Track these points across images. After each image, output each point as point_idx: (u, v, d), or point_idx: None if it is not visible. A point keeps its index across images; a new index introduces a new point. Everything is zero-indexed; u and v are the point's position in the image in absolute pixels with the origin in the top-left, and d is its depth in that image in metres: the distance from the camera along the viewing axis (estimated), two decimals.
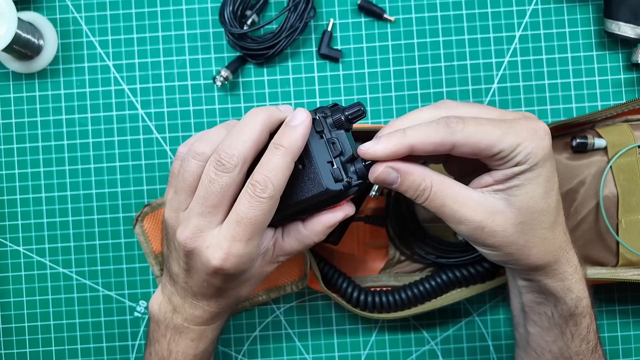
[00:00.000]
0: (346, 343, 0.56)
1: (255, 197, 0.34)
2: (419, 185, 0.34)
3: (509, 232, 0.35)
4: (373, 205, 0.54)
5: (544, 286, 0.39)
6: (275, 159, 0.34)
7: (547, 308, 0.40)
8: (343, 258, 0.54)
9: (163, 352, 0.42)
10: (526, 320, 0.43)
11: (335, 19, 0.55)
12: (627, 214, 0.48)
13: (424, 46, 0.55)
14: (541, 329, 0.41)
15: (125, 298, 0.56)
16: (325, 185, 0.35)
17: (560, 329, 0.40)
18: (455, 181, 0.35)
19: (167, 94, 0.56)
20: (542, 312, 0.41)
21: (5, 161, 0.56)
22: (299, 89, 0.55)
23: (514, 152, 0.33)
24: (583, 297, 0.39)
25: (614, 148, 0.48)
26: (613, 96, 0.55)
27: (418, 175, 0.34)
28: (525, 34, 0.55)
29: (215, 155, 0.34)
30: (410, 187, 0.35)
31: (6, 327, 0.56)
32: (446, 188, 0.34)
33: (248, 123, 0.35)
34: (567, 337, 0.40)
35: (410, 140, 0.33)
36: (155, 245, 0.53)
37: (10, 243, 0.56)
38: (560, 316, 0.40)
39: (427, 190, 0.34)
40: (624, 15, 0.51)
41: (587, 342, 0.40)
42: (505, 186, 0.34)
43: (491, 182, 0.35)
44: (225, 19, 0.53)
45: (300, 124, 0.34)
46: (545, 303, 0.40)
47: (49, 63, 0.55)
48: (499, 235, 0.35)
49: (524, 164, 0.33)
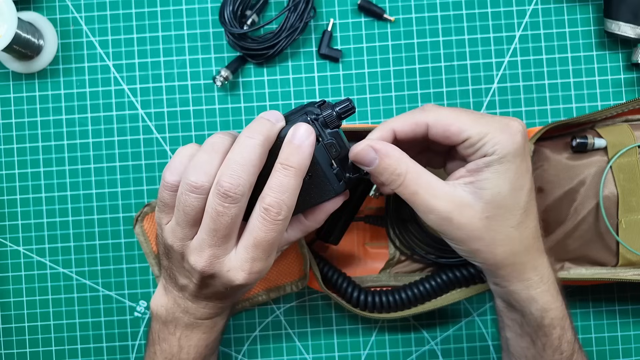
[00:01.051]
0: (346, 343, 0.56)
1: (270, 221, 0.34)
2: (394, 169, 0.35)
3: (475, 227, 0.35)
4: (373, 205, 0.54)
5: (509, 293, 0.39)
6: (286, 180, 0.34)
7: (516, 315, 0.40)
8: (343, 258, 0.54)
9: (172, 349, 0.42)
10: (503, 325, 0.43)
11: (335, 19, 0.55)
12: (627, 214, 0.48)
13: (424, 46, 0.55)
14: (515, 335, 0.41)
15: (125, 298, 0.56)
16: (336, 191, 0.36)
17: (531, 338, 0.40)
18: (429, 172, 0.36)
19: (167, 94, 0.56)
20: (513, 318, 0.41)
21: (5, 161, 0.56)
22: (299, 89, 0.55)
23: (482, 140, 0.34)
24: (550, 309, 0.38)
25: (614, 148, 0.48)
26: (613, 96, 0.55)
27: (395, 159, 0.35)
28: (525, 34, 0.55)
29: (218, 188, 0.33)
30: (386, 170, 0.35)
31: (6, 327, 0.56)
32: (420, 177, 0.35)
33: (247, 146, 0.34)
34: (539, 347, 0.40)
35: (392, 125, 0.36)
36: (155, 245, 0.53)
37: (10, 243, 0.56)
38: (529, 326, 0.39)
39: (401, 176, 0.35)
40: (624, 15, 0.51)
41: (561, 352, 0.39)
42: (474, 178, 0.35)
43: (463, 174, 0.36)
44: (225, 19, 0.53)
45: (306, 142, 0.34)
46: (514, 311, 0.40)
47: (49, 63, 0.55)
48: (466, 228, 0.35)
49: (492, 155, 0.34)
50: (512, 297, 0.39)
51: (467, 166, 0.35)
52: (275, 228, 0.34)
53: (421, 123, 0.35)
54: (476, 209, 0.35)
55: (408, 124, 0.36)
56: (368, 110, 0.55)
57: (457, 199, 0.35)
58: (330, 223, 0.52)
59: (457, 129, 0.34)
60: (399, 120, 0.36)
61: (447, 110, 0.36)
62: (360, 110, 0.55)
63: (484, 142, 0.34)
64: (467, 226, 0.35)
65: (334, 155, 0.36)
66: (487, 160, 0.34)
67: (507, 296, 0.39)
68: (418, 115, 0.36)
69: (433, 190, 0.35)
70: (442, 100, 0.55)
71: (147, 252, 0.53)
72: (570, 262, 0.51)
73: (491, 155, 0.34)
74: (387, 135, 0.36)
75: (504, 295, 0.40)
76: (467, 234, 0.35)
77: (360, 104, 0.55)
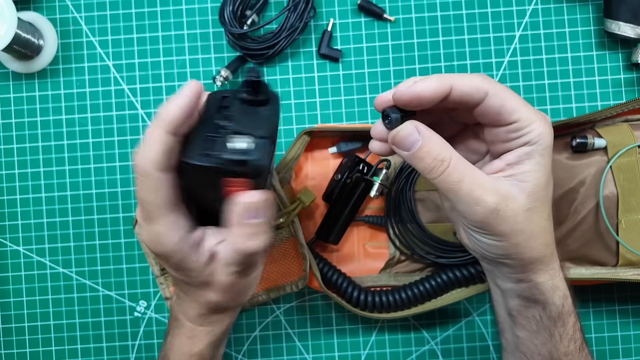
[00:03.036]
0: (346, 343, 0.56)
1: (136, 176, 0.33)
2: (438, 153, 0.32)
3: (520, 219, 0.34)
4: (373, 205, 0.54)
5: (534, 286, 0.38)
6: (150, 129, 0.33)
7: (535, 311, 0.40)
8: (343, 258, 0.54)
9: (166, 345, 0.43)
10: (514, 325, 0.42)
11: (335, 19, 0.55)
12: (627, 214, 0.48)
13: (424, 46, 0.55)
14: (529, 333, 0.41)
15: (125, 298, 0.56)
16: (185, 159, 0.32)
17: (549, 332, 0.40)
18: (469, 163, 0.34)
19: (167, 94, 0.56)
20: (530, 315, 0.40)
21: (5, 161, 0.56)
22: (299, 89, 0.55)
23: (529, 127, 0.33)
24: (567, 296, 0.39)
25: (614, 148, 0.48)
26: (613, 96, 0.55)
27: (439, 144, 0.33)
28: (525, 34, 0.55)
29: None
30: (429, 154, 0.32)
31: (6, 327, 0.56)
32: (464, 165, 0.33)
33: None
34: (556, 339, 0.40)
35: (451, 80, 0.32)
36: None
37: (10, 243, 0.56)
38: (549, 318, 0.39)
39: (445, 162, 0.32)
40: (624, 15, 0.51)
41: (575, 341, 0.40)
42: (515, 170, 0.34)
43: (503, 166, 0.34)
44: (225, 19, 0.53)
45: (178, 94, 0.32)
46: (534, 306, 0.40)
47: (48, 63, 0.55)
48: (510, 221, 0.34)
49: (534, 144, 0.33)
50: (537, 290, 0.38)
51: (506, 158, 0.34)
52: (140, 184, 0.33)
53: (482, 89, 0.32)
54: (520, 201, 0.34)
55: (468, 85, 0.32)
56: (368, 110, 0.55)
57: (503, 191, 0.33)
58: (331, 223, 0.52)
59: (511, 108, 0.32)
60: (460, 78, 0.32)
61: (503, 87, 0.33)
62: (360, 110, 0.55)
63: (530, 129, 0.33)
64: (512, 219, 0.34)
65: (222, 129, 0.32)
66: (528, 150, 0.33)
67: (530, 290, 0.38)
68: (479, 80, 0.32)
69: (480, 179, 0.33)
70: None
71: (147, 252, 0.53)
72: (570, 262, 0.51)
73: (534, 145, 0.33)
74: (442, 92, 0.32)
75: (525, 291, 0.39)
76: (511, 227, 0.34)
77: (360, 104, 0.55)
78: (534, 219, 0.35)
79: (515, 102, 0.33)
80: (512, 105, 0.33)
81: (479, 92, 0.33)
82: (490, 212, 0.33)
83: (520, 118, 0.33)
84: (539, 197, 0.34)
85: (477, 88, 0.32)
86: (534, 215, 0.35)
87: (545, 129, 0.33)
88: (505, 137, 0.34)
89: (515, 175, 0.34)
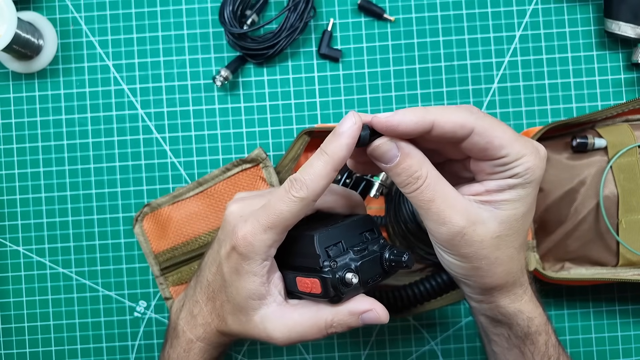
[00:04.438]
0: (346, 343, 0.56)
1: (286, 192, 0.34)
2: (415, 171, 0.33)
3: (485, 245, 0.34)
4: (373, 205, 0.54)
5: (496, 308, 0.38)
6: (316, 163, 0.33)
7: (502, 330, 0.40)
8: None
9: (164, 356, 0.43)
10: (488, 341, 0.43)
11: (335, 19, 0.55)
12: (627, 214, 0.48)
13: (424, 46, 0.55)
14: (502, 349, 0.41)
15: (125, 298, 0.56)
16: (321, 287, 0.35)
17: (520, 349, 0.40)
18: (447, 181, 0.34)
19: (167, 94, 0.56)
20: (499, 333, 0.40)
21: (5, 161, 0.56)
22: (299, 89, 0.55)
23: (518, 161, 0.32)
24: (534, 317, 0.38)
25: (614, 148, 0.48)
26: (613, 96, 0.55)
27: (417, 160, 0.33)
28: (525, 33, 0.55)
29: None
30: (406, 171, 0.33)
31: (6, 327, 0.56)
32: (439, 183, 0.33)
33: None
34: (528, 356, 0.40)
35: (434, 116, 0.32)
36: (154, 245, 0.53)
37: (10, 243, 0.56)
38: (517, 337, 0.39)
39: (421, 179, 0.33)
40: (624, 15, 0.51)
41: (549, 357, 0.40)
42: (494, 198, 0.34)
43: (482, 191, 0.34)
44: (225, 19, 0.53)
45: (346, 131, 0.32)
46: (500, 325, 0.40)
47: (48, 63, 0.55)
48: (475, 246, 0.34)
49: (520, 178, 0.33)
50: (498, 312, 0.38)
51: (486, 184, 0.34)
52: (288, 202, 0.33)
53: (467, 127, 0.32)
54: (490, 227, 0.34)
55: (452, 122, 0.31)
56: (368, 111, 0.55)
57: (473, 215, 0.33)
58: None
59: (499, 144, 0.32)
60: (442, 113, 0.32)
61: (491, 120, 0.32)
62: (360, 110, 0.55)
63: (518, 164, 0.32)
64: (477, 244, 0.34)
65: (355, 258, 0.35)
66: (512, 182, 0.33)
67: (494, 311, 0.39)
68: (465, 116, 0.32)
69: (452, 200, 0.33)
70: (442, 101, 0.55)
71: (147, 252, 0.53)
72: (570, 262, 0.51)
73: (519, 178, 0.33)
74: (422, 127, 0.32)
75: (489, 311, 0.39)
76: (474, 252, 0.34)
77: (360, 104, 0.55)
78: (501, 247, 0.34)
79: (503, 137, 0.32)
80: (500, 142, 0.32)
81: (464, 129, 0.32)
82: (456, 234, 0.33)
83: (509, 153, 0.32)
84: (512, 227, 0.34)
85: (461, 126, 0.32)
86: (502, 243, 0.34)
87: (535, 162, 0.33)
88: (491, 170, 0.33)
89: (491, 202, 0.34)
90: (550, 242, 0.51)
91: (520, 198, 0.33)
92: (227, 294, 0.38)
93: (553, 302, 0.55)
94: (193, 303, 0.41)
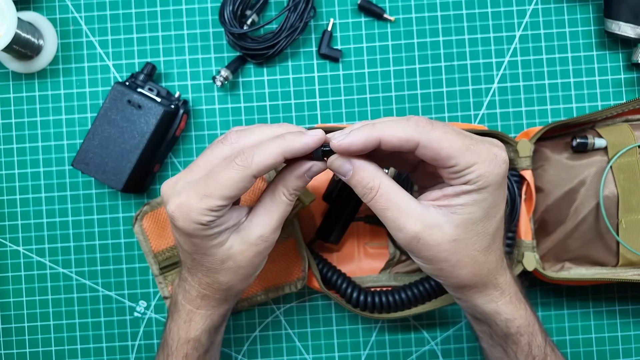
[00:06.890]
0: (346, 343, 0.56)
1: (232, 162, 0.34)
2: (367, 183, 0.35)
3: (443, 248, 0.35)
4: None
5: (473, 307, 0.39)
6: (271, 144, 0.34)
7: (484, 327, 0.41)
8: (343, 258, 0.54)
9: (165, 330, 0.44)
10: (476, 336, 0.44)
11: (335, 19, 0.55)
12: (627, 214, 0.48)
13: (424, 46, 0.55)
14: (488, 345, 0.43)
15: (125, 298, 0.56)
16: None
17: (502, 347, 0.41)
18: (403, 190, 0.36)
19: None
20: (482, 330, 0.42)
21: (5, 161, 0.56)
22: (299, 89, 0.55)
23: (468, 169, 0.33)
24: (514, 318, 0.39)
25: (614, 148, 0.48)
26: (613, 96, 0.55)
27: (369, 173, 0.35)
28: (525, 33, 0.55)
29: None
30: (360, 183, 0.35)
31: (6, 327, 0.56)
32: (392, 193, 0.35)
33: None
34: (511, 355, 0.41)
35: (379, 133, 0.34)
36: (154, 244, 0.53)
37: (10, 243, 0.56)
38: (498, 336, 0.40)
39: (373, 190, 0.35)
40: (624, 15, 0.51)
41: (533, 357, 0.40)
42: (449, 202, 0.35)
43: (439, 196, 0.35)
44: (225, 19, 0.53)
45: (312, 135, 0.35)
46: (481, 323, 0.41)
47: (48, 63, 0.55)
48: (433, 249, 0.35)
49: (473, 184, 0.34)
50: (476, 311, 0.40)
51: (444, 190, 0.35)
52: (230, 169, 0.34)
53: (412, 141, 0.33)
54: (446, 231, 0.35)
55: (397, 137, 0.33)
56: (368, 110, 0.55)
57: (428, 219, 0.35)
58: (330, 223, 0.52)
59: (447, 155, 0.33)
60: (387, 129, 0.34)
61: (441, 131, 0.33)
62: (360, 110, 0.55)
63: (469, 172, 0.34)
64: (434, 247, 0.35)
65: None
66: (466, 188, 0.34)
67: (472, 309, 0.40)
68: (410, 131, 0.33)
69: (404, 208, 0.35)
70: (442, 100, 0.55)
71: (147, 251, 0.53)
72: (570, 262, 0.51)
73: (472, 185, 0.34)
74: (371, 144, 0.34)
75: (469, 309, 0.41)
76: (433, 255, 0.35)
77: (360, 104, 0.55)
78: (461, 250, 0.35)
79: (451, 148, 0.33)
80: (447, 152, 0.33)
81: (409, 143, 0.34)
82: (411, 238, 0.35)
83: (458, 163, 0.33)
84: (471, 230, 0.35)
85: (406, 140, 0.33)
86: (461, 246, 0.35)
87: (488, 169, 0.34)
88: (447, 176, 0.35)
89: (447, 207, 0.35)
90: (550, 242, 0.51)
91: (476, 202, 0.34)
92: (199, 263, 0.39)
93: (553, 302, 0.55)
94: (183, 280, 0.42)
